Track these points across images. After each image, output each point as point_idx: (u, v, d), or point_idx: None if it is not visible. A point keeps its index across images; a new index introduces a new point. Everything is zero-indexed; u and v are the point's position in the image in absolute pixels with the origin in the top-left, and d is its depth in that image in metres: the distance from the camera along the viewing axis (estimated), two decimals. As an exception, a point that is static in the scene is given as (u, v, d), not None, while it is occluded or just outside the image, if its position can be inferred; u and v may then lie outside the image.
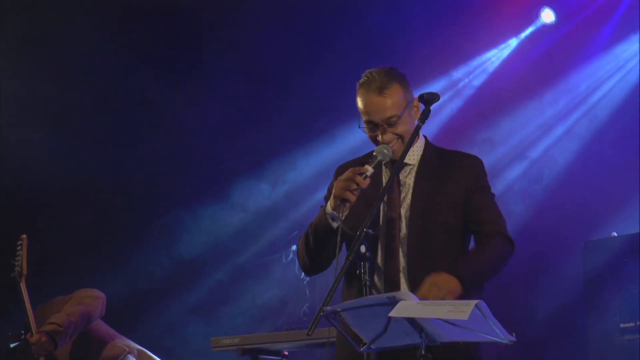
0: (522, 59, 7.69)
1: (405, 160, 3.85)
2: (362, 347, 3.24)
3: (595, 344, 5.98)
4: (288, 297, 7.56)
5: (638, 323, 5.78)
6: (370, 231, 3.35)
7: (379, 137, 3.79)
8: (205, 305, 7.74)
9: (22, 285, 5.27)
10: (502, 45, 7.77)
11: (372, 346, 3.21)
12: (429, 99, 3.66)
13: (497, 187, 7.66)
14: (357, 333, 3.24)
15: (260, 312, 7.74)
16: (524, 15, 7.65)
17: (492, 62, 7.79)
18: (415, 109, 3.85)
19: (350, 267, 3.35)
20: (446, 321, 2.97)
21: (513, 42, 7.75)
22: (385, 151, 3.74)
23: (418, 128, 3.67)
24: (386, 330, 3.13)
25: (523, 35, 7.70)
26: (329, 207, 3.70)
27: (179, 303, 7.71)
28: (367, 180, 3.66)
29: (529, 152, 7.68)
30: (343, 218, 3.64)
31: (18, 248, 5.32)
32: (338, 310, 3.20)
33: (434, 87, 7.37)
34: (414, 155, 3.89)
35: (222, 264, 7.84)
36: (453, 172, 3.82)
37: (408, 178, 3.84)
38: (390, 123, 3.80)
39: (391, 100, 3.80)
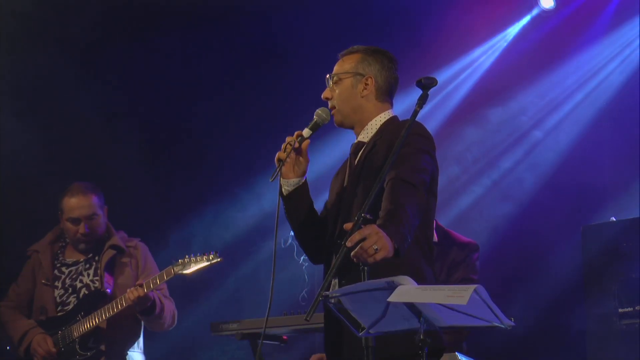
0: (522, 45, 7.67)
1: (362, 140, 3.91)
2: (361, 331, 3.24)
3: (594, 329, 5.98)
4: (287, 282, 7.56)
5: (637, 308, 5.78)
6: (368, 216, 3.34)
7: None
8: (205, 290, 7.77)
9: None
10: (502, 34, 7.76)
11: (371, 331, 3.21)
12: (426, 84, 3.63)
13: (496, 172, 7.66)
14: (355, 318, 3.25)
15: (259, 296, 7.75)
16: (523, 2, 7.63)
17: (491, 51, 7.78)
18: (364, 85, 3.89)
19: (347, 253, 3.35)
20: (445, 306, 2.98)
21: (512, 30, 7.73)
22: (323, 114, 3.87)
23: (415, 113, 3.63)
24: (385, 314, 3.13)
25: (523, 21, 7.69)
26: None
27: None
28: (306, 143, 3.82)
29: (529, 137, 7.67)
30: (280, 180, 3.82)
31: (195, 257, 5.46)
32: (336, 295, 3.21)
33: (437, 75, 7.33)
34: (367, 134, 3.90)
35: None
36: (385, 144, 3.74)
37: (358, 159, 3.89)
38: (333, 82, 3.93)
39: (341, 62, 3.94)
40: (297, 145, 3.81)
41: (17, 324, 5.63)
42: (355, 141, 3.93)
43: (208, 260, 5.35)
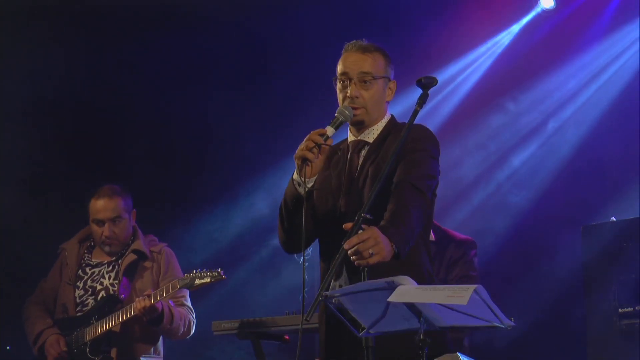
0: (522, 45, 7.67)
1: (365, 139, 3.88)
2: (361, 331, 3.25)
3: (594, 329, 5.98)
4: (287, 281, 7.57)
5: (637, 308, 5.78)
6: (368, 216, 3.34)
7: (348, 92, 3.82)
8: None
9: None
10: (502, 34, 7.75)
11: (371, 331, 3.21)
12: (426, 83, 3.64)
13: (498, 173, 7.66)
14: (355, 318, 3.25)
15: (260, 296, 7.75)
16: (523, 2, 7.63)
17: (491, 51, 7.78)
18: (390, 91, 3.90)
19: (346, 253, 3.34)
20: (445, 306, 2.98)
21: (513, 30, 7.73)
22: (347, 112, 3.78)
23: (415, 112, 3.64)
24: (385, 315, 3.13)
25: (523, 22, 7.68)
26: (295, 173, 3.74)
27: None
28: (329, 141, 3.70)
29: (528, 139, 7.67)
30: (305, 180, 3.66)
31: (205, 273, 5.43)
32: (337, 295, 3.21)
33: (436, 76, 7.30)
34: (372, 134, 3.89)
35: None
36: (393, 145, 3.71)
37: (362, 158, 3.87)
38: (363, 80, 3.83)
39: (372, 60, 3.86)
40: (324, 145, 3.69)
41: (34, 321, 5.66)
42: (355, 139, 3.90)
43: (212, 277, 5.34)
